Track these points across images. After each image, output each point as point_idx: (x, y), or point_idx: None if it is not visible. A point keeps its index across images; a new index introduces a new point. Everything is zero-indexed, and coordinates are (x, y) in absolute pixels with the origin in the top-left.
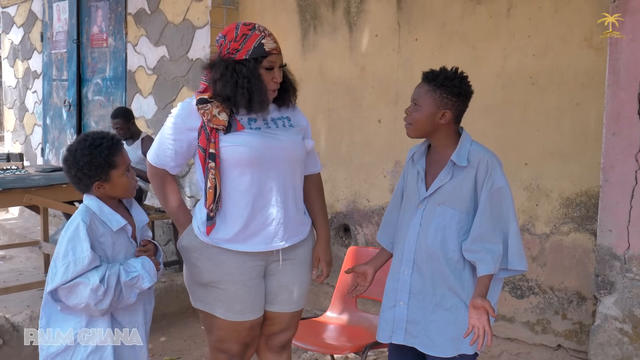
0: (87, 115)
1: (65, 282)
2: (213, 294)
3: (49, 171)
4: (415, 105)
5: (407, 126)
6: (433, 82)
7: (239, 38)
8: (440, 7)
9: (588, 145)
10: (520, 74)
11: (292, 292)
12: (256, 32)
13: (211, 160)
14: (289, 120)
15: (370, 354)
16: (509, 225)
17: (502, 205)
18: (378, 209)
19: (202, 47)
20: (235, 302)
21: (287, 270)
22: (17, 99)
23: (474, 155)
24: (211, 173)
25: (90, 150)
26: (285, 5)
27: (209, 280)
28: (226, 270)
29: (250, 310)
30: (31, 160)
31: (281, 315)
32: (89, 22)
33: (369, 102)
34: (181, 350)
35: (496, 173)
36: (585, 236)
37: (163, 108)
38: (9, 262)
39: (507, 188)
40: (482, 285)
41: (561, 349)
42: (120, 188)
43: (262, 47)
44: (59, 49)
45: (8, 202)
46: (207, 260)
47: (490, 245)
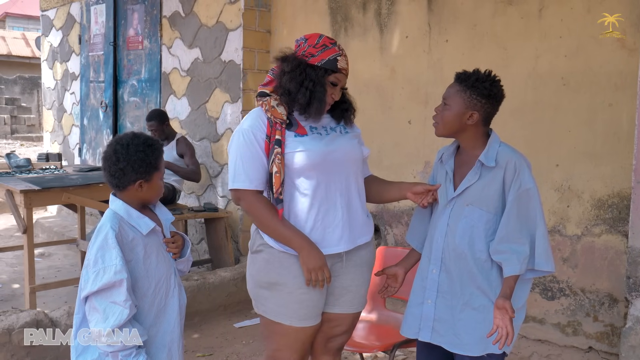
0: (123, 116)
1: (96, 290)
2: (278, 298)
3: (87, 171)
4: (445, 105)
5: (435, 124)
6: (464, 82)
7: (318, 46)
8: (471, 8)
9: (620, 147)
10: (551, 74)
11: (355, 293)
12: (335, 48)
13: (277, 146)
14: (344, 128)
15: (399, 353)
16: (536, 226)
17: (530, 206)
18: (407, 210)
19: (234, 49)
20: (300, 307)
21: (349, 271)
22: (55, 100)
23: (502, 156)
24: (277, 158)
25: (144, 148)
26: (316, 7)
27: (275, 281)
28: (293, 273)
29: (313, 316)
30: (69, 160)
31: (344, 317)
32: (125, 25)
33: (399, 103)
34: (213, 347)
35: (524, 174)
36: (617, 238)
37: (196, 109)
38: (47, 259)
39: (535, 189)
40: (507, 286)
41: (592, 351)
42: (155, 191)
43: (335, 63)
44: (96, 52)
45: (47, 200)
46: (276, 262)
47: (516, 245)
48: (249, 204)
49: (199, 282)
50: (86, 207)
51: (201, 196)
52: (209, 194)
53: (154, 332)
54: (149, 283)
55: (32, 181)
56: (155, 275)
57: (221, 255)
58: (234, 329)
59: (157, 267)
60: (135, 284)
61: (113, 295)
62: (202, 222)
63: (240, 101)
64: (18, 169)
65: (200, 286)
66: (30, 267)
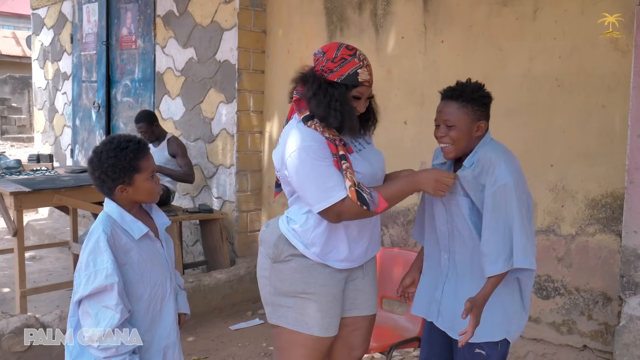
0: (116, 116)
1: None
2: (302, 307)
3: (79, 172)
4: (449, 127)
5: (446, 148)
6: (460, 98)
7: (337, 60)
8: (466, 9)
9: (614, 147)
10: (546, 75)
11: (368, 294)
12: (355, 60)
13: (344, 160)
14: (365, 140)
15: (396, 353)
16: (513, 222)
17: (507, 202)
18: (403, 210)
19: (229, 49)
20: (323, 316)
21: (358, 274)
22: (47, 100)
23: (482, 155)
24: (349, 172)
25: (116, 153)
26: (312, 8)
27: (302, 290)
28: (321, 282)
29: (333, 326)
30: (61, 161)
31: (362, 320)
32: (118, 24)
33: (395, 104)
34: (208, 350)
35: (500, 169)
36: (611, 237)
37: (191, 109)
38: (38, 262)
39: (512, 185)
40: (489, 285)
41: (587, 350)
42: (143, 193)
43: (356, 77)
44: (88, 51)
45: (38, 202)
46: (306, 271)
47: (495, 245)
48: (351, 208)
49: (194, 284)
50: (78, 209)
51: (196, 197)
52: (203, 195)
53: (150, 337)
54: (144, 287)
55: (22, 183)
56: (150, 280)
57: (216, 257)
58: (229, 332)
59: (152, 272)
60: (130, 288)
61: (104, 300)
62: (197, 223)
63: (235, 101)
64: (8, 171)
65: (196, 288)
66: (20, 271)
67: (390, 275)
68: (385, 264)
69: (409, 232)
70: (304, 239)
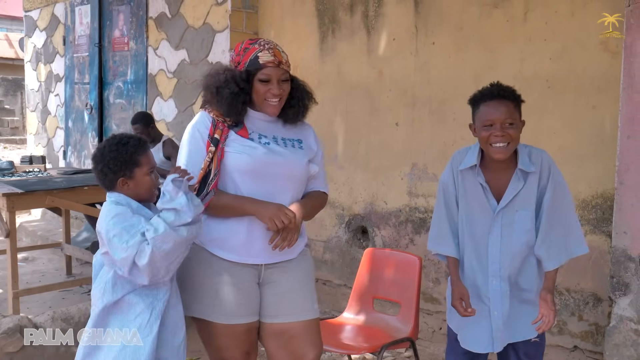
0: (109, 118)
1: (133, 254)
2: (206, 298)
3: (71, 173)
4: (511, 124)
5: (504, 148)
6: (511, 97)
7: (241, 52)
8: (457, 11)
9: (604, 148)
10: (536, 77)
11: (291, 300)
12: (255, 46)
13: (213, 145)
14: (299, 142)
15: (387, 354)
16: (573, 215)
17: (565, 197)
18: (395, 211)
19: (221, 51)
20: (228, 304)
21: (280, 280)
22: (39, 102)
23: (535, 158)
24: (208, 156)
25: (117, 147)
26: (304, 9)
27: (202, 282)
28: (217, 271)
29: (244, 313)
30: (53, 162)
31: (297, 326)
32: (110, 26)
33: (386, 105)
34: (200, 350)
35: (554, 169)
36: (601, 238)
37: (183, 111)
38: (31, 263)
39: (563, 180)
40: (551, 279)
41: (577, 350)
42: (143, 187)
43: (256, 60)
44: (81, 53)
45: (30, 204)
46: (201, 261)
47: (557, 239)
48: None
49: None
50: (71, 210)
51: None
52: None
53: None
54: None
55: (15, 184)
56: None
57: None
58: None
59: None
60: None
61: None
62: None
63: None
64: (0, 172)
65: None
66: (13, 272)
67: (382, 276)
68: (376, 265)
69: (400, 234)
70: None
